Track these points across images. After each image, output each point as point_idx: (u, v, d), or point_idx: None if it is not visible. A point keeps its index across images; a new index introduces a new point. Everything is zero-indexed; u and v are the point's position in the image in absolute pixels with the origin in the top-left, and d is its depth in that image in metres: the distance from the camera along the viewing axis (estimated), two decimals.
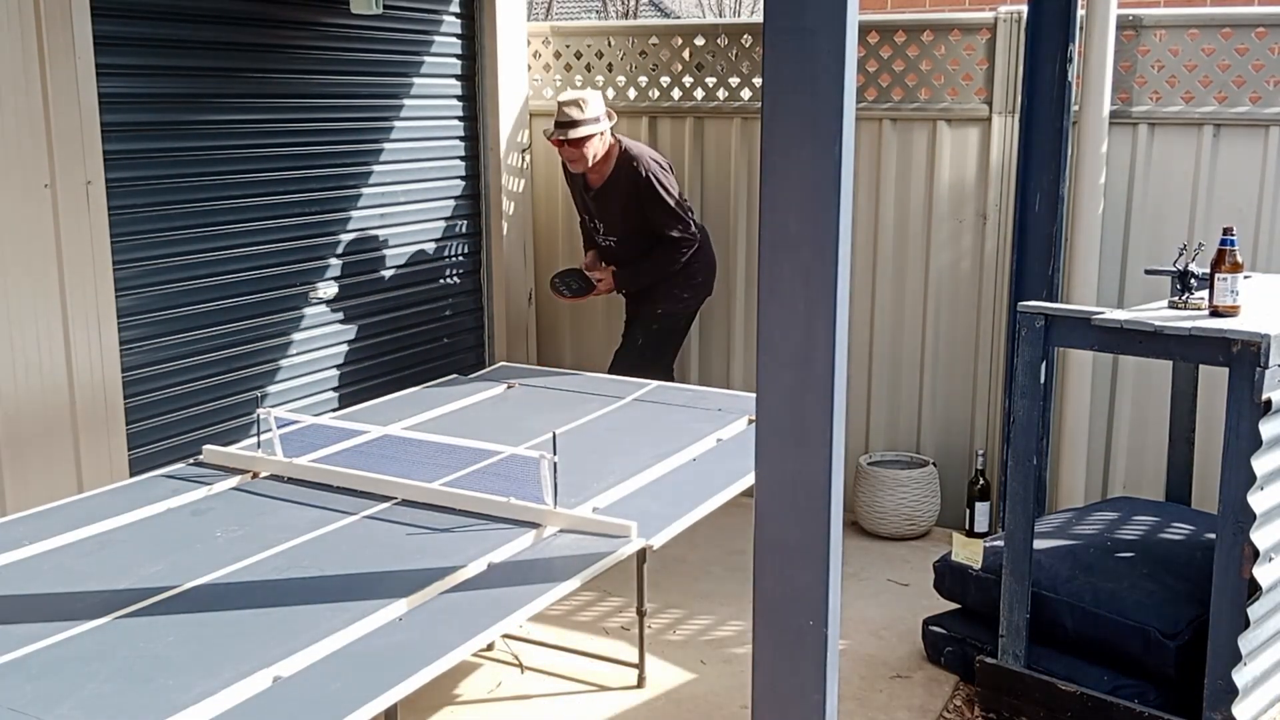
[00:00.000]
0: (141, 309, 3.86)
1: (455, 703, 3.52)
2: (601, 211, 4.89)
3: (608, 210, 4.87)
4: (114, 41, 3.65)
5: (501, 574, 2.70)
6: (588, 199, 4.91)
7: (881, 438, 5.08)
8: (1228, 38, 4.27)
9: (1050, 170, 4.35)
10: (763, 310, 2.13)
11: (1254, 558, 2.90)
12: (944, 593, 3.73)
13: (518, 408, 4.09)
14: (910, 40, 4.80)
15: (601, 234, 4.94)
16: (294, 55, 4.32)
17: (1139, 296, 4.34)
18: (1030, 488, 3.32)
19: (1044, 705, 3.30)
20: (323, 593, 2.59)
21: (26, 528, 2.91)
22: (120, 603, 2.50)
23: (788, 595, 2.20)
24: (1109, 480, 4.67)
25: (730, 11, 20.41)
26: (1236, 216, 4.17)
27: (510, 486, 3.10)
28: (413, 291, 4.97)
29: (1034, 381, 3.28)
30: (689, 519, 3.10)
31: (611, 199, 4.81)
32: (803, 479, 2.15)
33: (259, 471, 3.33)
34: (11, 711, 2.06)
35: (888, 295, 4.97)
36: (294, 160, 4.37)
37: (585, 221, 5.04)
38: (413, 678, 2.21)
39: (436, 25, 4.96)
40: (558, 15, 19.23)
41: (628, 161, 4.77)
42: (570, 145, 4.67)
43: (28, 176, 3.41)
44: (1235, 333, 2.88)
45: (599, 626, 4.01)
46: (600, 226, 4.93)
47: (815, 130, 2.01)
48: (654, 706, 3.52)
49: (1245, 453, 2.88)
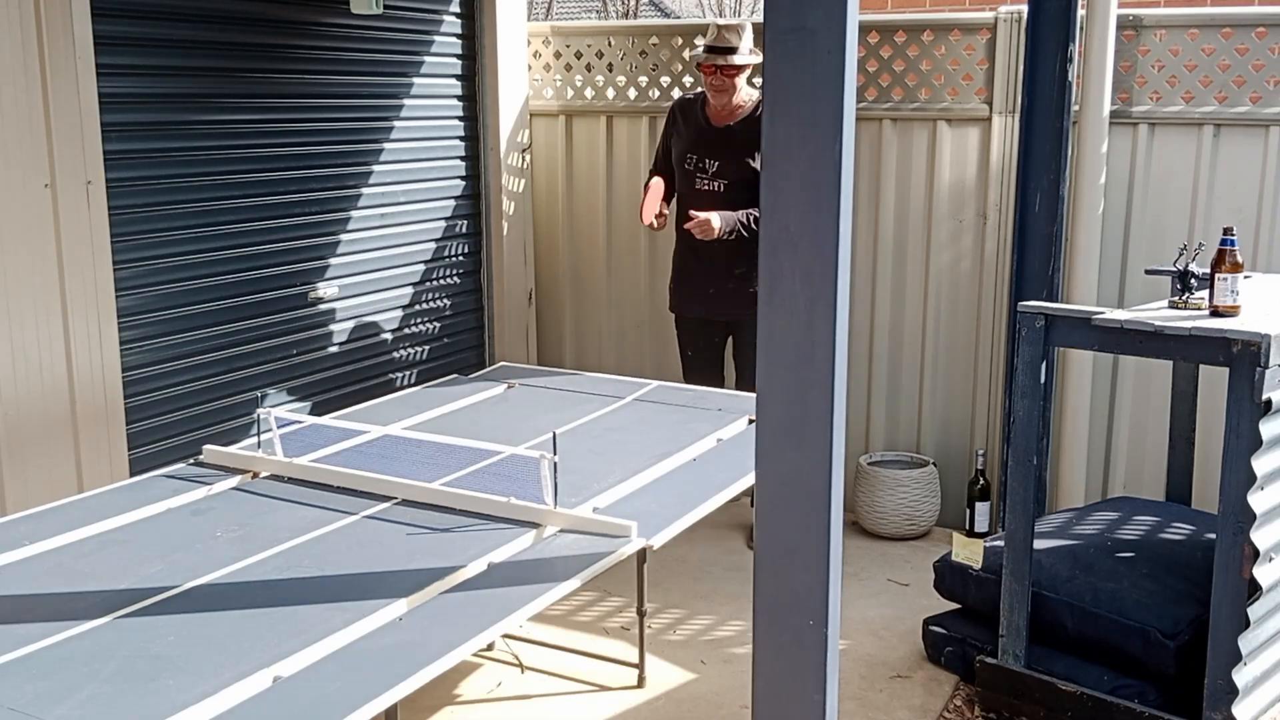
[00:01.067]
0: (142, 309, 3.86)
1: (455, 703, 3.52)
2: (721, 151, 4.54)
3: (729, 150, 4.53)
4: (114, 41, 3.65)
5: (501, 574, 2.70)
6: (703, 134, 4.59)
7: (881, 438, 5.08)
8: (1228, 38, 4.27)
9: (1050, 170, 4.35)
10: (763, 310, 2.12)
11: (1254, 558, 2.90)
12: (944, 593, 3.73)
13: (518, 408, 4.09)
14: (910, 40, 4.80)
15: (710, 176, 4.55)
16: (294, 55, 4.32)
17: (1139, 296, 4.34)
18: (1030, 488, 3.32)
19: (1044, 705, 3.31)
20: (323, 593, 2.59)
21: (27, 528, 2.91)
22: (120, 603, 2.50)
23: (788, 595, 2.20)
24: (1109, 480, 4.67)
25: (730, 11, 20.40)
26: (1236, 216, 4.17)
27: (510, 486, 3.10)
28: (413, 291, 4.97)
29: (1034, 381, 3.28)
30: (689, 519, 3.10)
31: (738, 139, 4.51)
32: (803, 479, 2.15)
33: (259, 471, 3.33)
34: (11, 711, 2.06)
35: (888, 295, 4.97)
36: (294, 160, 4.37)
37: (686, 161, 4.61)
38: (413, 678, 2.21)
39: (436, 25, 4.96)
40: (558, 15, 19.23)
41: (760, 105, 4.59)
42: (722, 73, 4.44)
43: (28, 176, 3.41)
44: (1235, 333, 2.88)
45: (599, 626, 4.01)
46: (712, 167, 4.54)
47: (815, 130, 2.01)
48: (654, 706, 3.52)
49: (1245, 453, 2.88)
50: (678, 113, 4.73)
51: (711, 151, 4.56)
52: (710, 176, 4.55)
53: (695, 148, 4.59)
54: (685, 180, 4.62)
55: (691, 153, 4.60)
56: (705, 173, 4.55)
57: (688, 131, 4.65)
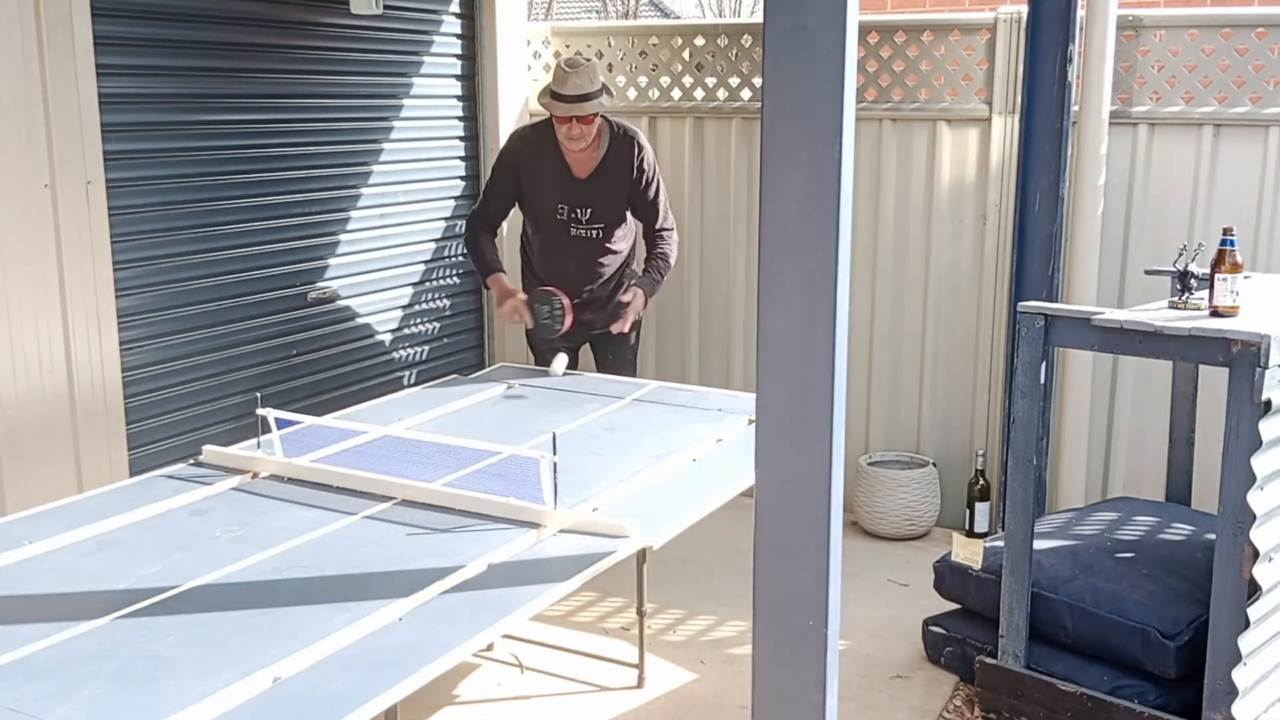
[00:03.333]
0: (142, 309, 3.86)
1: (455, 703, 3.52)
2: (594, 198, 4.35)
3: (600, 194, 4.34)
4: (114, 41, 3.65)
5: (501, 574, 2.70)
6: (569, 184, 4.35)
7: (881, 438, 5.08)
8: (1228, 38, 4.27)
9: (1050, 170, 4.35)
10: (763, 310, 2.12)
11: (1254, 558, 2.90)
12: (944, 593, 3.73)
13: (517, 408, 4.09)
14: (910, 40, 4.80)
15: (585, 223, 4.37)
16: (294, 55, 4.32)
17: (1139, 296, 4.34)
18: (1030, 488, 3.32)
19: (1044, 705, 3.30)
20: (323, 593, 2.59)
21: (27, 527, 2.91)
22: (120, 603, 2.49)
23: (788, 595, 2.20)
24: (1109, 480, 4.67)
25: (730, 11, 20.39)
26: (1236, 216, 4.17)
27: (510, 486, 3.10)
28: (412, 291, 4.97)
29: (1034, 381, 3.28)
30: (689, 519, 3.10)
31: (607, 181, 4.33)
32: (803, 479, 2.14)
33: (259, 471, 3.33)
34: (11, 711, 2.06)
35: (888, 295, 4.97)
36: (294, 160, 4.37)
37: (558, 212, 4.38)
38: (413, 678, 2.21)
39: (436, 25, 4.96)
40: (558, 15, 19.23)
41: (625, 137, 4.35)
42: (580, 122, 4.19)
43: (28, 176, 3.41)
44: (1235, 333, 2.88)
45: (599, 626, 4.01)
46: (586, 214, 4.36)
47: (815, 130, 2.01)
48: (654, 707, 3.52)
49: (1245, 453, 2.87)
50: (525, 154, 4.41)
51: (584, 200, 4.37)
52: (585, 224, 4.40)
53: (565, 198, 4.38)
54: (556, 229, 4.42)
55: (562, 204, 4.38)
56: (580, 221, 4.39)
57: (549, 181, 4.38)
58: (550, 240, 4.47)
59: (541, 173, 4.39)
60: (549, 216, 4.43)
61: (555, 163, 4.35)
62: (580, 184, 4.38)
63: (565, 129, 4.25)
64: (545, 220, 4.45)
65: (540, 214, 4.46)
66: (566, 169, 4.36)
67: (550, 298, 4.38)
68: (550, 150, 4.35)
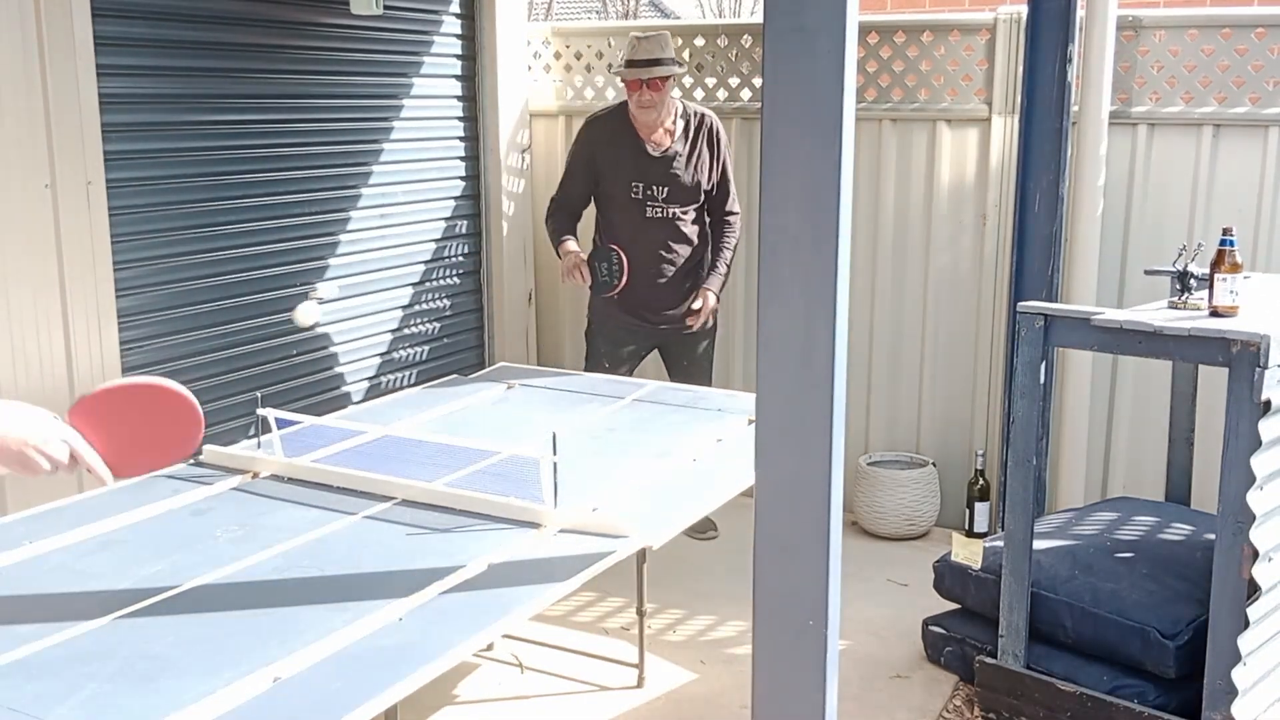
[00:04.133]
0: (142, 309, 3.86)
1: (455, 703, 3.52)
2: (670, 176, 4.39)
3: (675, 172, 4.38)
4: (114, 41, 3.65)
5: (501, 574, 2.70)
6: (645, 161, 4.40)
7: (881, 438, 5.08)
8: (1227, 38, 4.27)
9: (1050, 171, 4.35)
10: (763, 310, 2.13)
11: (1254, 558, 2.90)
12: (944, 593, 3.73)
13: (518, 408, 4.09)
14: (910, 41, 4.80)
15: (661, 202, 4.40)
16: (294, 56, 4.32)
17: (1139, 296, 4.34)
18: (1030, 488, 3.32)
19: (1044, 705, 3.31)
20: (323, 593, 2.59)
21: (27, 527, 2.91)
22: (120, 603, 2.50)
23: (788, 595, 2.21)
24: (1109, 480, 4.67)
25: (730, 11, 20.39)
26: (1236, 217, 4.17)
27: (510, 486, 3.10)
28: (413, 292, 4.97)
29: (1034, 381, 3.28)
30: (689, 519, 3.10)
31: (681, 158, 4.39)
32: (803, 479, 2.15)
33: (259, 471, 3.33)
34: (11, 711, 2.06)
35: (888, 295, 4.97)
36: (294, 160, 4.37)
37: (632, 190, 4.42)
38: (412, 677, 2.21)
39: (436, 25, 4.96)
40: (558, 15, 19.23)
41: (699, 114, 4.42)
42: (649, 87, 4.26)
43: (28, 176, 3.41)
44: (1235, 333, 2.88)
45: (599, 626, 4.01)
46: (662, 194, 4.39)
47: (815, 130, 2.01)
48: (654, 706, 3.52)
49: (1245, 453, 2.88)
50: (600, 138, 4.50)
51: (659, 178, 4.42)
52: (661, 203, 4.44)
53: (640, 176, 4.43)
54: (631, 209, 4.46)
55: (637, 181, 4.43)
56: (655, 200, 4.44)
57: (624, 159, 4.45)
58: (625, 224, 4.50)
59: (616, 152, 4.46)
60: (624, 197, 4.47)
61: (630, 141, 4.43)
62: (655, 161, 4.43)
63: (636, 96, 4.33)
64: (620, 202, 4.50)
65: (615, 195, 4.50)
66: (640, 146, 4.42)
67: (609, 254, 4.46)
68: (624, 130, 4.45)
